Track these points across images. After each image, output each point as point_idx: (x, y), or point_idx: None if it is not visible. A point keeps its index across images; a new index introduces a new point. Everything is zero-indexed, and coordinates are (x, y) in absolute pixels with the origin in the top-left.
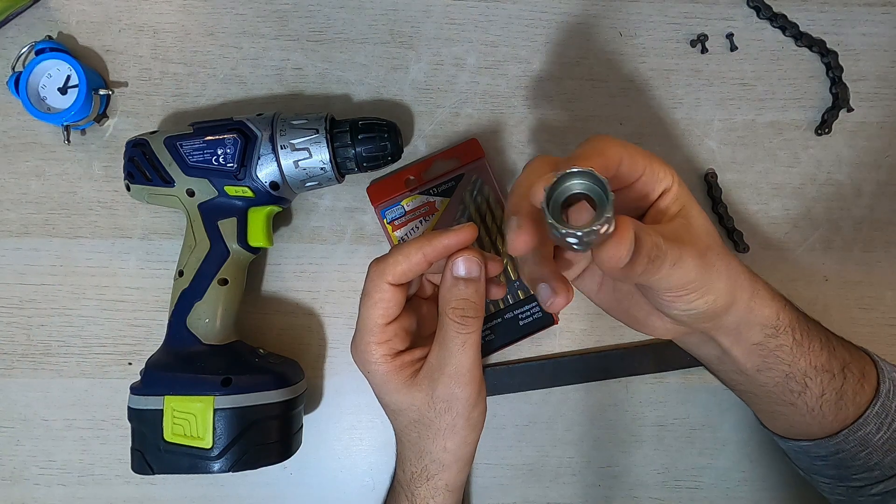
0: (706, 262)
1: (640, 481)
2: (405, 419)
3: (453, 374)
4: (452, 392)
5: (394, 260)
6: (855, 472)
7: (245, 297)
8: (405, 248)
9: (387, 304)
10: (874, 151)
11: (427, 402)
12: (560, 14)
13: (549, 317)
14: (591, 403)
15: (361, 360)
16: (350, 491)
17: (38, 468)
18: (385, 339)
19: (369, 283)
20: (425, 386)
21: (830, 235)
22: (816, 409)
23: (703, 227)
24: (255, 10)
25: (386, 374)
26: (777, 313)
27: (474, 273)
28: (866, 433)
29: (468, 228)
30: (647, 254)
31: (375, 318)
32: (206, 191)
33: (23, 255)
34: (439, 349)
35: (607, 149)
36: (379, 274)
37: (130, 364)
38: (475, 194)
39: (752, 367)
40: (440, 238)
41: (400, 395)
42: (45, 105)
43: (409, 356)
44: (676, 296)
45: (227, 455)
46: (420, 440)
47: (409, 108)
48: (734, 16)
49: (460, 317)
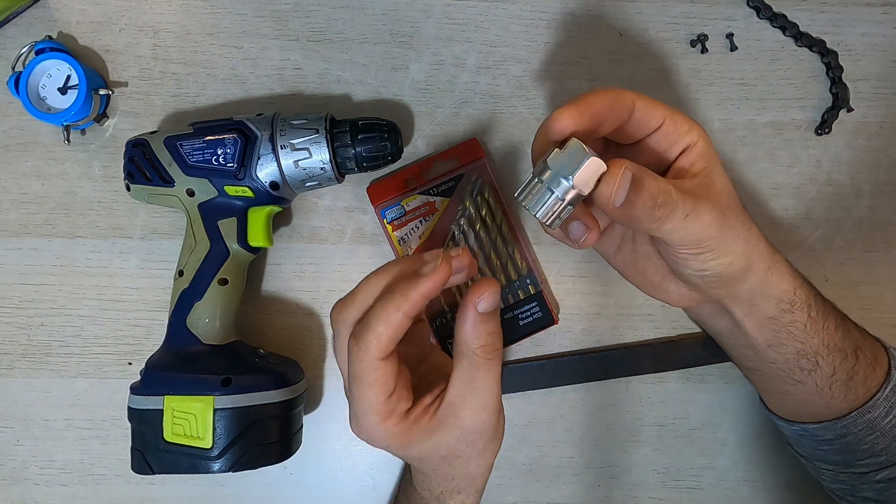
0: (724, 220)
1: (640, 481)
2: (433, 459)
3: (483, 407)
4: (483, 423)
5: (375, 333)
6: (860, 456)
7: (245, 297)
8: (382, 314)
9: (383, 380)
10: (874, 151)
11: (456, 438)
12: (560, 14)
13: (549, 317)
14: (591, 403)
15: (371, 439)
16: (350, 491)
17: (38, 468)
18: (390, 411)
19: (357, 366)
20: (451, 424)
21: (830, 235)
22: (826, 389)
23: (725, 187)
24: (255, 10)
25: (402, 437)
26: (794, 289)
27: (496, 303)
28: (875, 416)
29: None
30: (652, 197)
31: (375, 399)
32: (206, 191)
33: (23, 255)
34: (462, 386)
35: (621, 93)
36: (365, 352)
37: (130, 364)
38: (475, 194)
39: (764, 342)
40: (416, 289)
41: (423, 445)
42: (45, 105)
43: (420, 406)
44: (691, 253)
45: (227, 455)
46: (451, 469)
47: (409, 108)
48: (734, 16)
49: (490, 352)
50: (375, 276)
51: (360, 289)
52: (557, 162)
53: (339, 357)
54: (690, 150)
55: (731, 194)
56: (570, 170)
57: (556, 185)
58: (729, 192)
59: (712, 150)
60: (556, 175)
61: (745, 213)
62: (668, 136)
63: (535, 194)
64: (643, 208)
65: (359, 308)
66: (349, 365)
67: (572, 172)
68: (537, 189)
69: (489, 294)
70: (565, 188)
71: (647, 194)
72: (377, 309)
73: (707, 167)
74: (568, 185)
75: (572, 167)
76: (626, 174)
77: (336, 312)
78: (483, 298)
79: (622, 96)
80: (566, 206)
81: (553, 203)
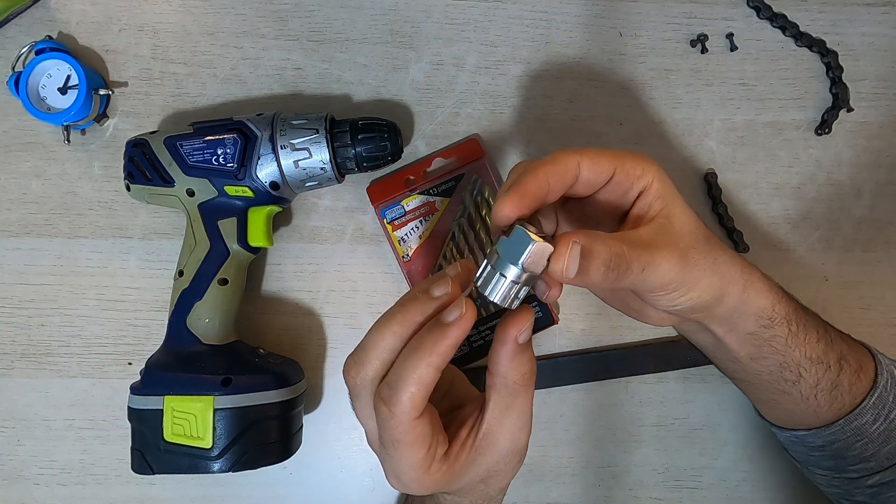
0: (686, 262)
1: (640, 481)
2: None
3: (520, 428)
4: (520, 442)
5: (409, 395)
6: (850, 462)
7: (245, 297)
8: (414, 374)
9: (422, 437)
10: (874, 151)
11: (496, 461)
12: (560, 14)
13: (549, 317)
14: (591, 403)
15: (417, 491)
16: (350, 491)
17: (38, 468)
18: (431, 461)
19: (393, 431)
20: (490, 451)
21: (830, 235)
22: (811, 399)
23: (685, 225)
24: (255, 10)
25: (447, 479)
26: (773, 304)
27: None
28: (862, 423)
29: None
30: (604, 263)
31: (416, 457)
32: (206, 191)
33: (23, 255)
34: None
35: (561, 162)
36: (400, 415)
37: (130, 364)
38: (475, 194)
39: (746, 356)
40: (444, 342)
41: (465, 477)
42: (45, 105)
43: (457, 443)
44: (658, 295)
45: (227, 455)
46: (487, 487)
47: (409, 108)
48: (734, 16)
49: (529, 379)
50: (387, 325)
51: (372, 342)
52: (505, 248)
53: (361, 416)
54: (646, 193)
55: (693, 230)
56: (517, 256)
57: (507, 270)
58: (690, 230)
59: (669, 187)
60: (506, 261)
61: (709, 245)
62: (620, 185)
63: (491, 281)
64: (597, 274)
65: (377, 364)
66: (381, 429)
67: (520, 258)
68: (492, 276)
69: (529, 325)
70: (517, 273)
71: (599, 261)
72: (406, 369)
73: (665, 208)
74: (518, 271)
75: (519, 253)
76: (574, 250)
77: (351, 371)
78: (525, 331)
79: (563, 165)
80: (521, 286)
81: (508, 288)
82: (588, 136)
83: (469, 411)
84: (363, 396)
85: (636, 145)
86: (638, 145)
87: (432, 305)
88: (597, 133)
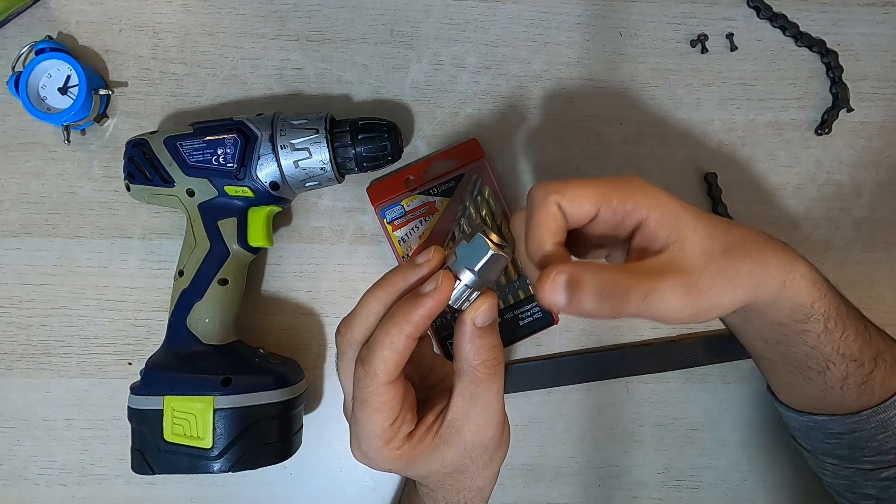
0: (695, 289)
1: (640, 481)
2: (437, 476)
3: (486, 422)
4: (487, 437)
5: (381, 357)
6: (868, 453)
7: (245, 297)
8: (387, 338)
9: (389, 405)
10: (874, 151)
11: (460, 455)
12: (560, 14)
13: (549, 317)
14: (590, 403)
15: (372, 463)
16: (350, 491)
17: (38, 468)
18: (393, 435)
19: (364, 390)
20: (454, 442)
21: (830, 235)
22: (837, 390)
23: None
24: (255, 10)
25: (405, 460)
26: (812, 301)
27: (494, 316)
28: (889, 416)
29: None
30: (596, 292)
31: (379, 424)
32: (206, 191)
33: (23, 255)
34: (464, 402)
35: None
36: (372, 377)
37: (130, 364)
38: (475, 194)
39: (773, 339)
40: (417, 311)
41: (426, 464)
42: (45, 105)
43: (422, 427)
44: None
45: (227, 455)
46: (457, 483)
47: (409, 108)
48: (734, 16)
49: (492, 367)
50: (375, 291)
51: (361, 306)
52: (463, 252)
53: (342, 377)
54: (644, 227)
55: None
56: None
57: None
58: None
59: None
60: (462, 265)
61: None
62: (607, 221)
63: None
64: (590, 304)
65: (363, 328)
66: (355, 388)
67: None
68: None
69: (486, 308)
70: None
71: (590, 290)
72: (381, 333)
73: (671, 234)
74: (473, 277)
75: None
76: (557, 279)
77: (341, 332)
78: (480, 312)
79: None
80: (474, 291)
81: (461, 291)
82: (588, 136)
83: (441, 395)
84: (347, 357)
85: (636, 145)
86: (638, 145)
87: (415, 275)
88: (597, 133)
